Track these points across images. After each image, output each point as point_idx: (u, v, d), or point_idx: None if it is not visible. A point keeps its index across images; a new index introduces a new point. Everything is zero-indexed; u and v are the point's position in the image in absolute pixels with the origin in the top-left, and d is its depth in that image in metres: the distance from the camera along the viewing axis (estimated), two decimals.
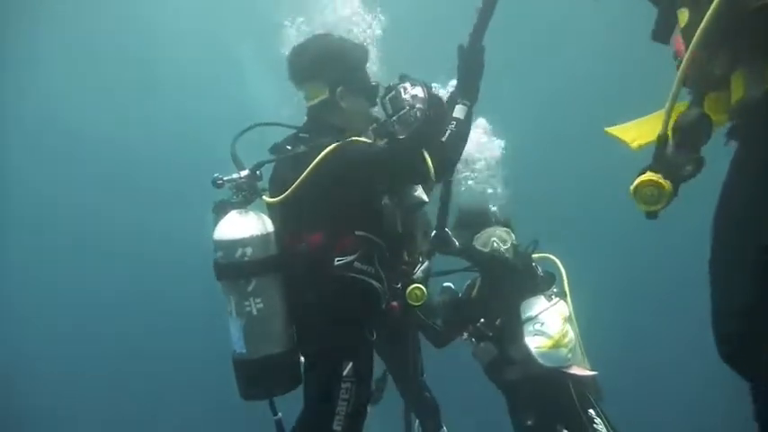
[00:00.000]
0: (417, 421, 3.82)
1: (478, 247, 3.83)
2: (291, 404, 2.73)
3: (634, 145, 1.94)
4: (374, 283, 2.64)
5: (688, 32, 1.65)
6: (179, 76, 7.93)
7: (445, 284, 3.99)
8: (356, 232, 2.62)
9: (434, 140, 2.55)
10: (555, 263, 3.94)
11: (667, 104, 1.68)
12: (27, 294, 7.32)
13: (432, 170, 2.51)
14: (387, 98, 2.73)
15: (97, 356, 7.06)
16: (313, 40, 2.91)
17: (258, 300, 2.55)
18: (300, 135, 2.79)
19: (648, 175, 1.72)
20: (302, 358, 2.70)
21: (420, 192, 2.75)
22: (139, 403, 6.80)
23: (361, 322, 2.67)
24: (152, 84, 7.81)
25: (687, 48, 1.63)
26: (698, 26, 1.56)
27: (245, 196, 2.65)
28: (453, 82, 2.73)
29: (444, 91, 3.06)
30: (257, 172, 2.69)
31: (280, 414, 2.74)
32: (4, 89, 7.39)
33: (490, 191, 4.06)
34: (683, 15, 1.69)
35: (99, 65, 7.67)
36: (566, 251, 3.96)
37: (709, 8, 1.52)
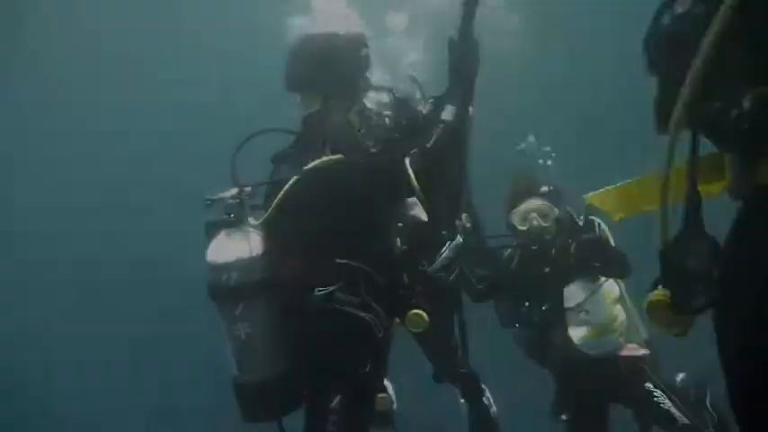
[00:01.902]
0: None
1: (516, 224, 3.50)
2: None
3: (615, 219, 1.66)
4: (360, 313, 2.44)
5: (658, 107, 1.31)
6: None
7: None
8: (337, 260, 2.43)
9: (416, 147, 2.32)
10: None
11: (660, 225, 1.24)
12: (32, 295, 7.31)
13: (414, 180, 2.29)
14: (353, 113, 2.45)
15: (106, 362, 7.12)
16: (307, 42, 2.64)
17: (246, 324, 2.47)
18: (288, 150, 2.62)
19: (662, 294, 1.34)
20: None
21: (418, 210, 2.46)
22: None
23: (347, 355, 2.50)
24: None
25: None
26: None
27: (235, 217, 2.52)
28: None
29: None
30: (246, 189, 2.54)
31: None
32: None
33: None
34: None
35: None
36: None
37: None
